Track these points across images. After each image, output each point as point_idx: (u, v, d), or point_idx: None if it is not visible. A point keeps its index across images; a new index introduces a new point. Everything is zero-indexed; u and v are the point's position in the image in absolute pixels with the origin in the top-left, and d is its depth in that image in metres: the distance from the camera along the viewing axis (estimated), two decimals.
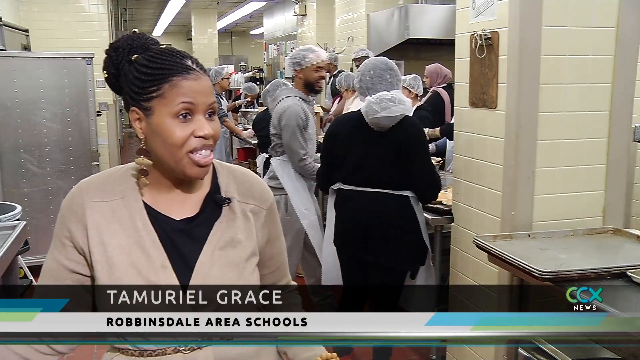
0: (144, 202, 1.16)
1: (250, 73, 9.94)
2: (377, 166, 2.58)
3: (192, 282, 1.12)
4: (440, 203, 2.86)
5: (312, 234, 3.29)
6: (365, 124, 2.58)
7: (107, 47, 1.17)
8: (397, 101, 2.51)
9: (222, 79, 6.08)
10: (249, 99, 7.05)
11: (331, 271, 2.91)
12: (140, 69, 1.10)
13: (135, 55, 1.12)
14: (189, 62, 1.11)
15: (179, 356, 1.11)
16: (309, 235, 3.29)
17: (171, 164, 1.11)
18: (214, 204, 1.19)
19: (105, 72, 1.17)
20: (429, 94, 4.80)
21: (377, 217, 2.59)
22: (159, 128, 1.09)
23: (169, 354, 1.11)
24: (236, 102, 7.17)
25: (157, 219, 1.15)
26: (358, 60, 5.81)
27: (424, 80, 4.86)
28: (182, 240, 1.15)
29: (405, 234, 2.61)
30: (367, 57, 5.78)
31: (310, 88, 3.29)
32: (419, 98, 4.54)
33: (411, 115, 4.34)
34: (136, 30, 1.19)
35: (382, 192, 2.58)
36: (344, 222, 2.72)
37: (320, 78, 3.30)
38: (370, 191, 2.60)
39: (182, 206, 1.17)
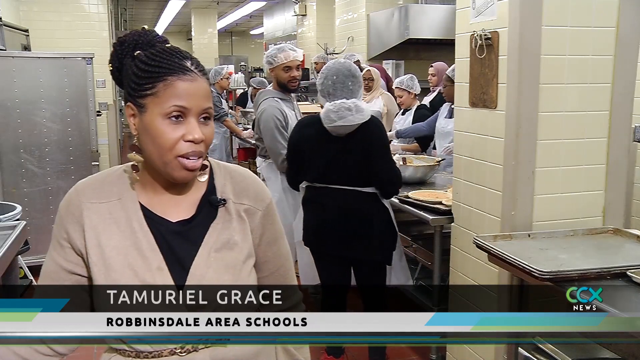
0: (141, 204, 1.16)
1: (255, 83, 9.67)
2: (346, 166, 2.63)
3: (187, 284, 1.11)
4: (440, 203, 2.86)
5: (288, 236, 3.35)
6: None
7: (115, 41, 1.18)
8: (355, 110, 2.55)
9: (221, 78, 6.08)
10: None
11: (308, 271, 2.93)
12: (139, 65, 1.10)
13: (138, 52, 1.12)
14: (188, 63, 1.10)
15: (175, 358, 1.11)
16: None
17: (159, 164, 1.10)
18: (210, 205, 1.18)
19: (110, 64, 1.17)
20: (434, 94, 4.76)
21: (347, 212, 2.65)
22: (149, 126, 1.09)
23: (165, 356, 1.11)
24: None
25: (153, 221, 1.15)
26: None
27: (429, 79, 4.83)
28: (178, 242, 1.14)
29: (377, 226, 2.68)
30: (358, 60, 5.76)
31: (283, 87, 3.32)
32: (417, 98, 4.53)
33: (412, 115, 4.39)
34: (145, 27, 1.19)
35: (352, 190, 2.64)
36: (313, 219, 2.77)
37: (291, 78, 3.30)
38: (340, 188, 2.65)
39: (179, 208, 1.17)
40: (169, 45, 1.15)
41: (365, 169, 2.62)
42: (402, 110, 4.61)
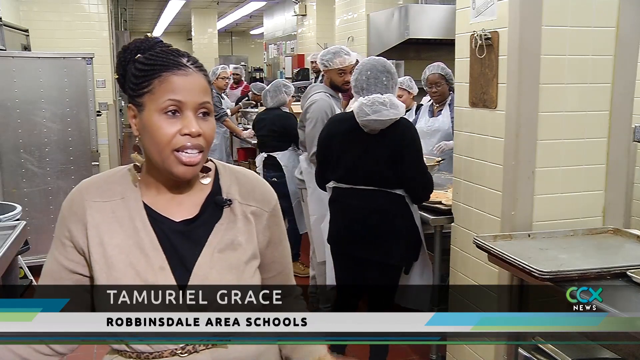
0: (144, 203, 1.15)
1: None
2: (372, 166, 2.58)
3: (190, 284, 1.11)
4: (440, 203, 2.86)
5: (317, 230, 3.39)
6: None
7: (120, 50, 1.20)
8: (389, 105, 2.50)
9: (217, 78, 6.06)
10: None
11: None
12: (137, 66, 1.12)
13: (138, 55, 1.14)
14: (184, 60, 1.11)
15: (176, 359, 1.10)
16: (314, 231, 3.40)
17: (158, 162, 1.10)
18: (215, 205, 1.18)
19: (116, 73, 1.19)
20: None
21: (371, 213, 2.61)
22: (147, 123, 1.09)
23: (166, 356, 1.10)
24: (240, 103, 7.08)
25: (156, 220, 1.14)
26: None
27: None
28: (181, 242, 1.14)
29: (399, 230, 2.61)
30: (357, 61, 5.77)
31: (335, 88, 3.48)
32: (414, 98, 4.54)
33: (412, 114, 4.38)
34: (148, 34, 1.20)
35: (377, 190, 2.59)
36: (338, 219, 2.74)
37: (345, 82, 3.42)
38: (365, 189, 2.61)
39: (182, 207, 1.17)
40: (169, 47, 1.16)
41: (391, 170, 2.55)
42: None
